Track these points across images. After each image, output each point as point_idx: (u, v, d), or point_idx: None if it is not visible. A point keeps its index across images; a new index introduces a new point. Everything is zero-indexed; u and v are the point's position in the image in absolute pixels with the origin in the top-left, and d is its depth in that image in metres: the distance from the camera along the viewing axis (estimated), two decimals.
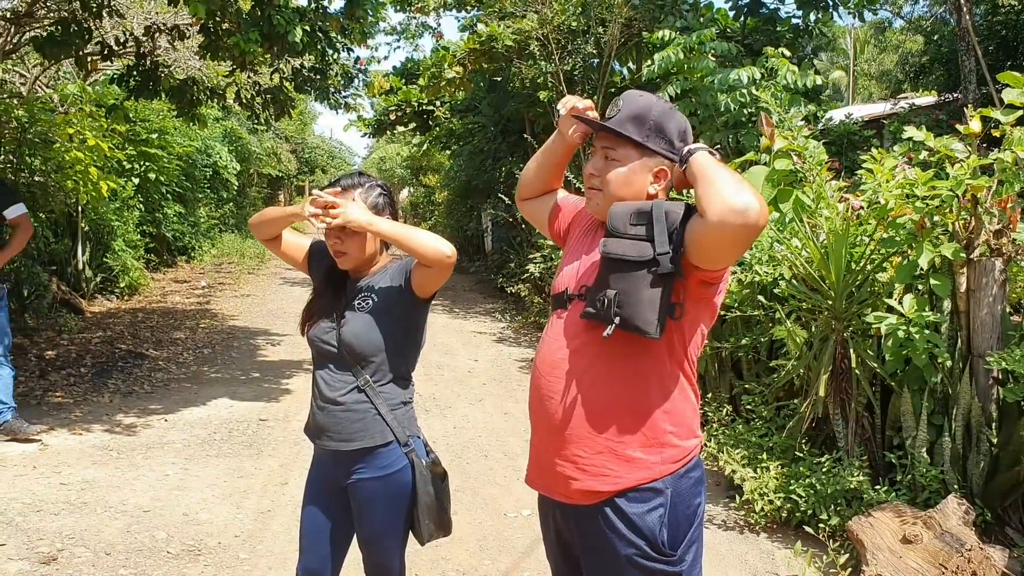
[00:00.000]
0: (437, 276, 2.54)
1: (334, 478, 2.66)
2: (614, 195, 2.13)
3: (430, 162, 26.87)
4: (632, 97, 2.17)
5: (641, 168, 2.11)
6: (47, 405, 6.62)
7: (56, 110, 10.41)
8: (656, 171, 2.12)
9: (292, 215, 2.67)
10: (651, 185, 2.12)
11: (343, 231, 2.57)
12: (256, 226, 2.79)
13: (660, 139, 2.11)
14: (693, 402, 2.13)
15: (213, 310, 11.82)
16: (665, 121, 2.11)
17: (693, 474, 2.10)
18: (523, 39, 10.82)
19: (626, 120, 2.12)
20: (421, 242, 2.46)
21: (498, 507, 4.79)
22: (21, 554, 4.02)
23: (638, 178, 2.11)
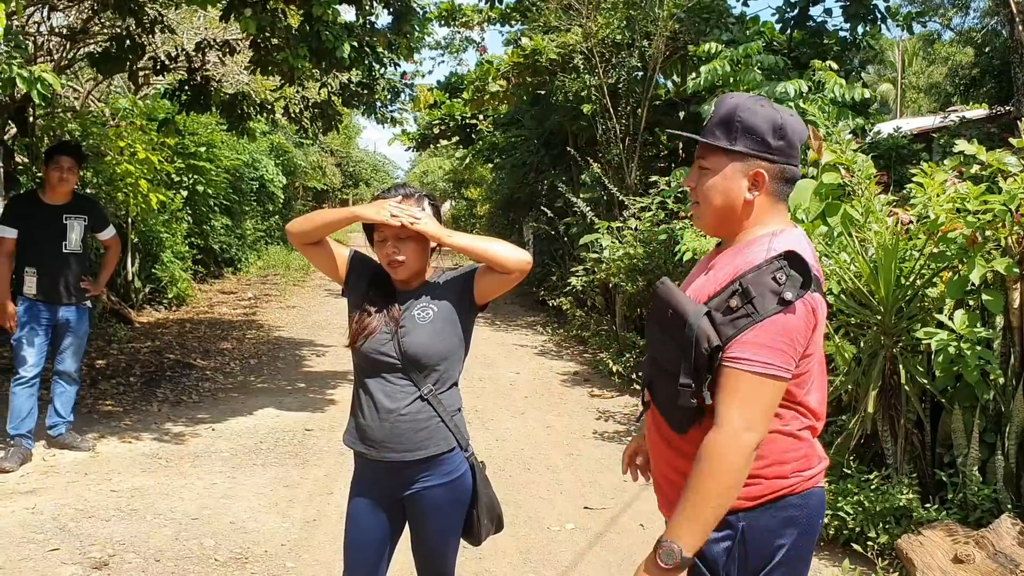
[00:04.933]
0: (508, 284, 2.62)
1: (388, 489, 2.68)
2: (710, 206, 2.03)
3: (472, 175, 27.01)
4: (722, 100, 2.05)
5: (733, 174, 1.98)
6: (97, 413, 6.75)
7: (107, 124, 10.67)
8: (751, 174, 1.97)
9: (348, 218, 2.66)
10: (747, 191, 1.98)
11: (400, 241, 2.60)
12: (301, 230, 2.69)
13: (750, 139, 1.96)
14: (796, 437, 1.96)
15: (259, 321, 11.97)
16: (753, 118, 1.96)
17: (781, 513, 1.94)
18: (567, 53, 10.86)
19: (715, 126, 2.01)
20: (500, 252, 2.54)
21: (542, 521, 4.79)
22: (74, 559, 4.10)
23: (732, 185, 1.98)
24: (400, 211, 2.56)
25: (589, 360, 9.50)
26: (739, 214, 2.00)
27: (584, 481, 5.48)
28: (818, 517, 2.04)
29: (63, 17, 10.18)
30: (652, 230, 8.22)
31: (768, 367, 1.81)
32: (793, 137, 1.98)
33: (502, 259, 2.55)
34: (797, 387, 1.92)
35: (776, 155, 1.96)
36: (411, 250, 2.62)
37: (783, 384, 1.85)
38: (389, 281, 2.72)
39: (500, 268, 2.56)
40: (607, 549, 4.45)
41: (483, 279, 2.64)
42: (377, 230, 2.65)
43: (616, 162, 10.47)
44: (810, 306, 1.86)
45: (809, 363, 1.92)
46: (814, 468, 2.00)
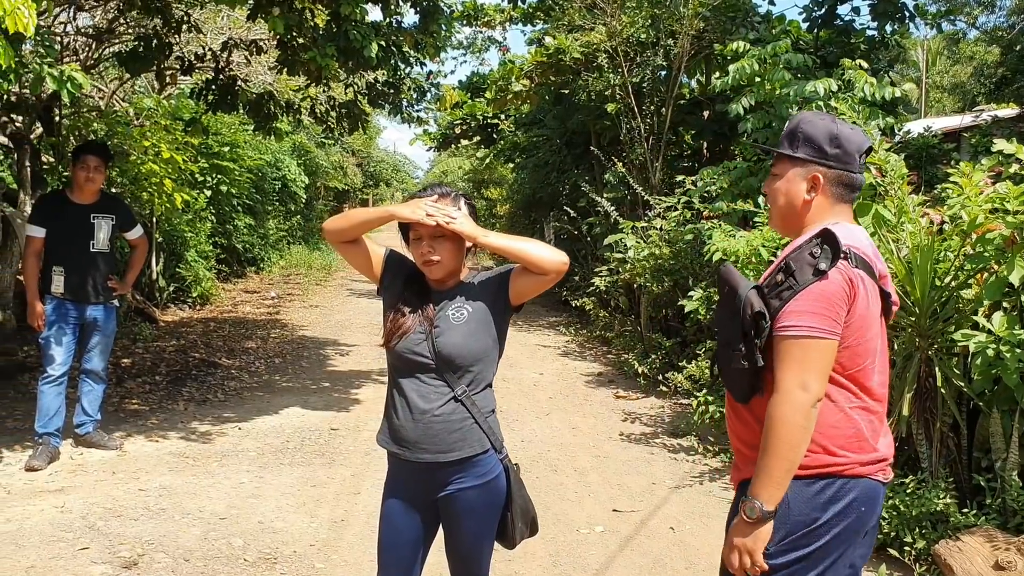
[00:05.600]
0: (544, 285, 2.59)
1: (423, 491, 2.66)
2: (775, 206, 2.34)
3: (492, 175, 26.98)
4: (792, 117, 2.36)
5: (794, 177, 2.27)
6: (124, 412, 6.77)
7: (131, 123, 10.72)
8: (809, 178, 2.25)
9: (384, 217, 2.64)
10: (806, 193, 2.26)
11: (436, 240, 2.57)
12: (338, 229, 2.70)
13: (809, 147, 2.25)
14: (844, 413, 2.12)
15: (283, 320, 12.00)
16: (812, 129, 2.26)
17: (827, 491, 2.10)
18: (591, 52, 10.81)
19: (784, 137, 2.33)
20: (537, 252, 2.52)
21: (570, 523, 4.75)
22: (104, 558, 4.10)
23: (792, 187, 2.27)
24: (436, 210, 2.54)
25: (613, 361, 9.45)
26: (799, 212, 2.28)
27: (612, 483, 5.44)
28: (869, 511, 2.14)
29: (88, 17, 10.24)
30: (678, 230, 8.15)
31: (812, 330, 2.05)
32: (848, 145, 2.23)
33: (539, 260, 2.52)
34: (848, 360, 2.10)
35: (832, 161, 2.23)
36: (446, 250, 2.60)
37: (829, 344, 2.05)
38: (424, 281, 2.70)
39: (537, 269, 2.54)
40: (637, 552, 4.41)
41: (519, 280, 2.62)
42: (412, 229, 2.63)
43: (640, 161, 10.41)
44: (847, 276, 2.08)
45: (856, 336, 2.10)
46: (868, 455, 2.12)
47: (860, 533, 2.15)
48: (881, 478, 2.16)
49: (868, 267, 2.14)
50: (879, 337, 2.18)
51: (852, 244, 2.13)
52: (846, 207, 2.26)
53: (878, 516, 2.22)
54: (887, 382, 2.21)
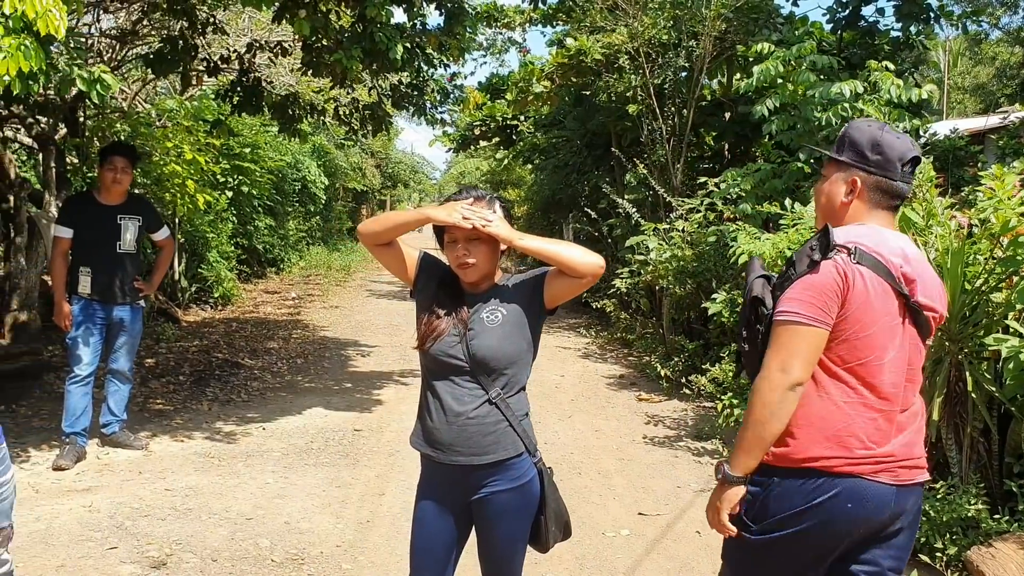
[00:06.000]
0: (580, 288, 2.59)
1: (456, 493, 2.66)
2: (818, 205, 2.47)
3: (510, 176, 26.99)
4: (850, 122, 2.45)
5: (836, 180, 2.38)
6: (149, 412, 6.81)
7: (154, 124, 10.78)
8: (848, 181, 2.34)
9: (419, 220, 2.64)
10: (844, 195, 2.35)
11: (471, 243, 2.57)
12: (372, 231, 2.70)
13: (851, 151, 2.34)
14: (836, 406, 2.19)
15: (304, 321, 12.04)
16: (857, 134, 2.35)
17: (809, 484, 2.19)
18: (612, 53, 10.79)
19: (833, 145, 2.45)
20: (572, 255, 2.52)
21: (596, 526, 4.73)
22: (132, 558, 4.12)
23: (833, 188, 2.38)
24: (471, 213, 2.54)
25: (635, 363, 9.42)
26: (837, 213, 2.36)
27: (637, 486, 5.42)
28: (861, 510, 2.17)
29: (112, 19, 10.31)
30: (700, 232, 8.12)
31: (797, 316, 2.17)
32: (890, 153, 2.29)
33: (574, 262, 2.52)
34: (848, 353, 2.18)
35: (872, 167, 2.30)
36: (481, 252, 2.60)
37: (813, 331, 2.16)
38: (458, 283, 2.70)
39: (572, 272, 2.53)
40: (664, 556, 4.39)
41: (554, 283, 2.62)
42: (447, 232, 2.63)
43: (661, 163, 10.37)
44: (841, 269, 2.17)
45: (855, 328, 2.17)
46: (863, 452, 2.17)
47: (850, 531, 2.19)
48: (885, 479, 2.18)
49: (879, 266, 2.19)
50: (890, 335, 2.20)
51: (862, 243, 2.20)
52: (885, 213, 2.32)
53: (889, 517, 2.21)
54: (900, 383, 2.22)
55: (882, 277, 2.18)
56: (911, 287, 2.23)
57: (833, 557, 2.26)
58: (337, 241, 25.60)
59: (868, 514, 2.18)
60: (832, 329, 2.17)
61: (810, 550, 2.23)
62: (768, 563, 2.29)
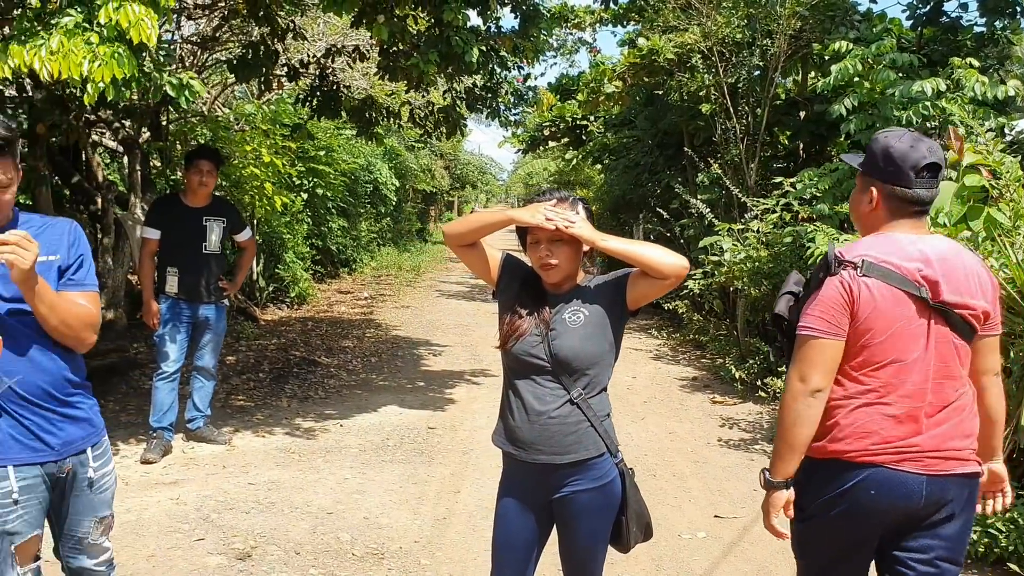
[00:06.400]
0: (663, 289, 2.60)
1: (538, 492, 2.68)
2: (850, 214, 2.63)
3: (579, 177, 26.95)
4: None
5: (859, 190, 2.55)
6: (231, 408, 7.00)
7: (232, 128, 11.06)
8: (867, 191, 2.49)
9: (504, 221, 2.68)
10: (867, 204, 2.50)
11: (554, 244, 2.60)
12: (457, 232, 2.76)
13: (868, 163, 2.50)
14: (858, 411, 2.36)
15: (376, 320, 12.21)
16: (872, 146, 2.49)
17: (835, 471, 2.37)
18: (685, 52, 10.71)
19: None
20: (656, 257, 2.53)
21: (672, 528, 4.72)
22: (219, 549, 4.25)
23: (859, 197, 2.55)
24: (555, 215, 2.57)
25: (708, 365, 9.34)
26: (863, 221, 2.54)
27: (712, 489, 5.38)
28: (886, 496, 2.32)
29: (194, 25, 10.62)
30: (776, 232, 8.01)
31: (810, 330, 2.37)
32: (901, 163, 2.40)
33: (659, 264, 2.53)
34: (869, 357, 2.34)
35: (886, 177, 2.43)
36: (564, 253, 2.62)
37: (827, 343, 2.35)
38: (540, 284, 2.73)
39: (656, 273, 2.54)
40: (741, 559, 4.36)
41: (637, 284, 2.63)
42: (530, 233, 2.66)
43: (735, 162, 10.26)
44: (845, 284, 2.35)
45: (870, 335, 2.33)
46: (885, 444, 2.33)
47: (880, 516, 2.35)
48: (910, 468, 2.32)
49: (890, 274, 2.33)
50: (910, 337, 2.33)
51: (871, 254, 2.36)
52: (908, 220, 2.44)
53: (925, 506, 2.33)
54: (927, 381, 2.34)
55: (893, 285, 2.32)
56: (933, 288, 2.33)
57: (875, 542, 2.43)
58: (407, 242, 25.87)
59: (894, 500, 2.33)
60: (848, 337, 2.35)
61: (847, 533, 2.40)
62: (815, 547, 2.50)
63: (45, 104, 6.45)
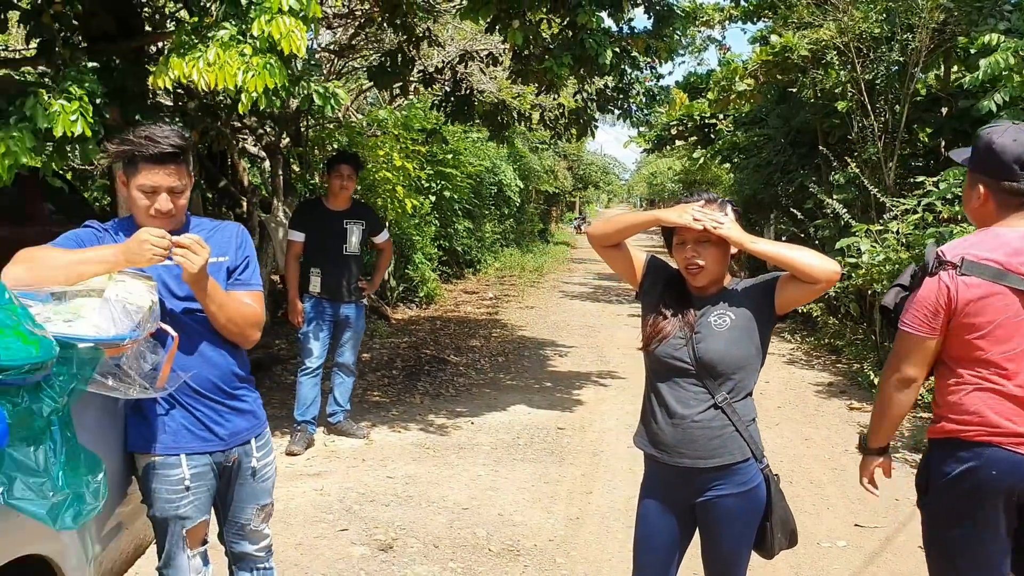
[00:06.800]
0: (813, 294, 2.58)
1: (680, 495, 2.68)
2: (964, 209, 2.71)
3: (705, 176, 26.56)
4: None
5: (969, 186, 2.60)
6: (367, 403, 7.23)
7: (366, 133, 11.42)
8: (975, 187, 2.55)
9: (649, 221, 2.70)
10: (976, 199, 2.56)
11: (700, 245, 2.59)
12: (603, 233, 2.77)
13: (974, 159, 2.57)
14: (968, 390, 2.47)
15: (502, 320, 12.37)
16: (976, 142, 2.55)
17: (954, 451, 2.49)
18: (820, 49, 10.42)
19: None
20: (806, 261, 2.49)
21: (810, 536, 4.61)
22: (362, 540, 4.42)
23: (969, 194, 2.60)
24: (703, 215, 2.55)
25: (844, 371, 9.05)
26: (975, 216, 2.60)
27: (851, 497, 5.23)
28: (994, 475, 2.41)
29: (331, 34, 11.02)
30: (918, 233, 7.70)
31: (906, 326, 2.51)
32: (1004, 156, 2.44)
33: (810, 268, 2.48)
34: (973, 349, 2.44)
35: (991, 173, 2.49)
36: (711, 255, 2.60)
37: (919, 338, 2.48)
38: (685, 286, 2.72)
39: (807, 278, 2.50)
40: (884, 570, 4.23)
41: (786, 288, 2.59)
42: (677, 234, 2.66)
43: (873, 161, 9.91)
44: (943, 283, 2.43)
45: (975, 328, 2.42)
46: (1000, 428, 2.41)
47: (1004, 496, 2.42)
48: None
49: (989, 270, 2.40)
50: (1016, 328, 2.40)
51: (971, 252, 2.42)
52: (1016, 213, 2.48)
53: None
54: None
55: (994, 280, 2.39)
56: None
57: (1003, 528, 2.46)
58: (529, 243, 26.07)
59: (1017, 481, 2.40)
60: (953, 332, 2.45)
61: (972, 512, 2.47)
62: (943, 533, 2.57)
63: (197, 112, 6.83)
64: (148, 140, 2.49)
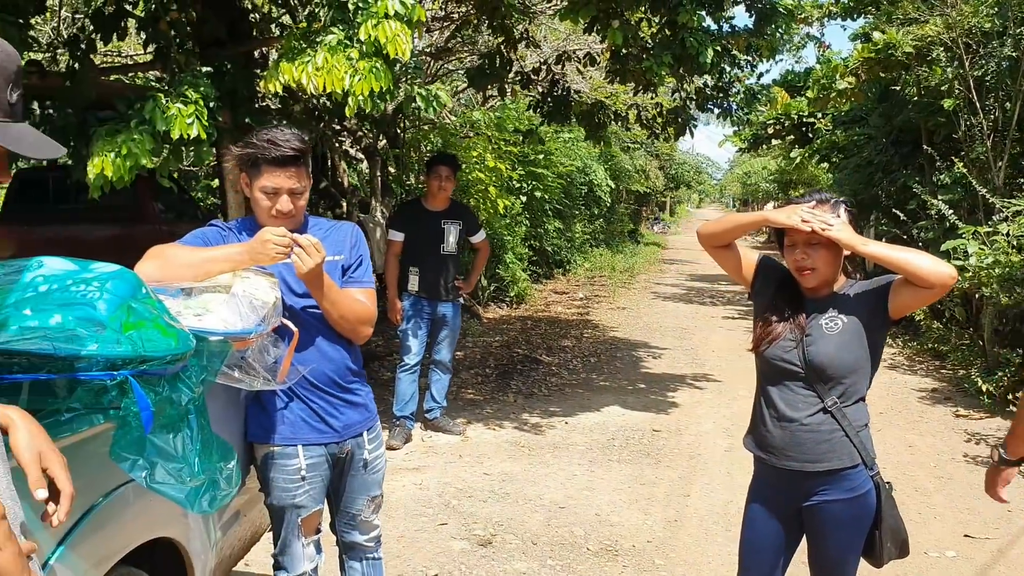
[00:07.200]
0: (927, 299, 2.50)
1: (787, 498, 2.66)
2: None
3: (801, 175, 25.98)
4: None
5: None
6: (461, 400, 7.32)
7: (460, 135, 11.56)
8: None
9: (758, 222, 2.71)
10: None
11: (811, 247, 2.55)
12: (712, 233, 2.76)
13: None
14: None
15: (593, 321, 12.35)
16: None
17: None
18: (925, 45, 10.08)
19: None
20: (919, 264, 2.41)
21: (918, 545, 4.42)
22: (461, 534, 4.49)
23: None
24: (811, 216, 2.52)
25: (949, 377, 8.76)
26: None
27: (960, 507, 5.07)
28: None
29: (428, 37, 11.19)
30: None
31: None
32: None
33: (924, 272, 2.40)
34: None
35: None
36: (822, 257, 2.56)
37: None
38: (797, 288, 2.68)
39: (921, 282, 2.42)
40: None
41: (900, 292, 2.52)
42: (787, 235, 2.62)
43: (981, 161, 9.54)
44: None
45: None
46: None
47: None
48: None
49: None
50: None
51: None
52: None
53: None
54: None
55: None
56: None
57: None
58: (619, 243, 25.92)
59: None
60: None
61: None
62: None
63: (301, 115, 7.03)
64: (270, 143, 2.59)
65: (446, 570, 4.09)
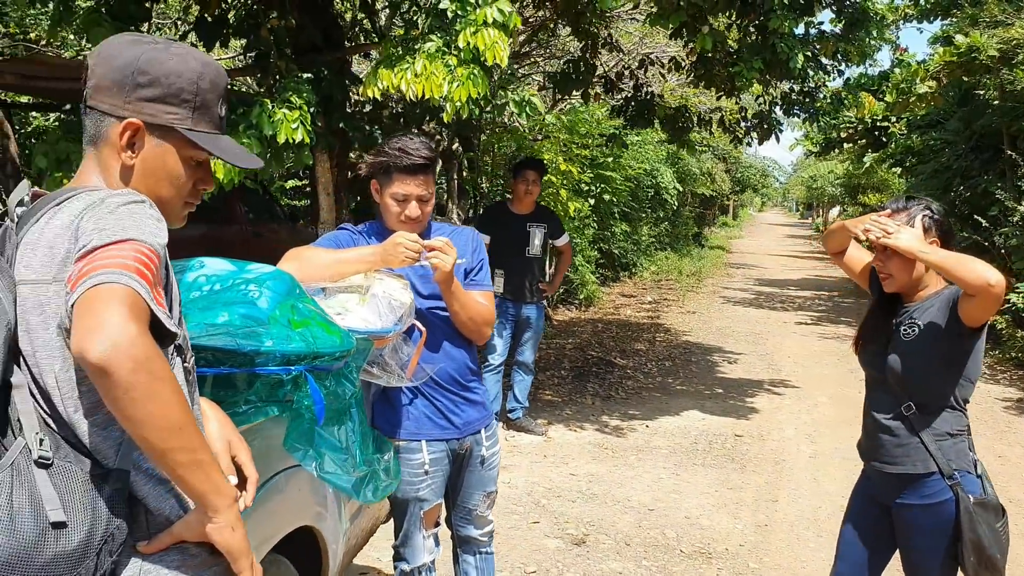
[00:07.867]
0: (981, 306, 2.43)
1: (882, 496, 2.76)
2: None
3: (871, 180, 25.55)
4: None
5: None
6: (540, 402, 7.40)
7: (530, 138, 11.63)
8: None
9: (843, 230, 2.82)
10: None
11: (885, 254, 2.62)
12: (825, 241, 2.97)
13: None
14: None
15: (664, 324, 12.33)
16: None
17: None
18: (1010, 48, 9.89)
19: None
20: (965, 270, 2.38)
21: (1017, 557, 4.43)
22: (555, 533, 4.57)
23: None
24: (873, 225, 2.57)
25: None
26: None
27: None
28: None
29: None
30: None
31: None
32: None
33: (964, 277, 2.38)
34: None
35: None
36: (895, 264, 2.63)
37: None
38: (897, 294, 2.73)
39: (968, 289, 2.41)
40: None
41: (964, 300, 2.49)
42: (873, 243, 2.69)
43: None
44: None
45: None
46: None
47: None
48: None
49: None
50: None
51: None
52: None
53: None
54: None
55: None
56: None
57: None
58: (684, 246, 25.73)
59: None
60: None
61: None
62: None
63: (391, 120, 7.18)
64: (402, 152, 2.70)
65: (543, 567, 4.17)
